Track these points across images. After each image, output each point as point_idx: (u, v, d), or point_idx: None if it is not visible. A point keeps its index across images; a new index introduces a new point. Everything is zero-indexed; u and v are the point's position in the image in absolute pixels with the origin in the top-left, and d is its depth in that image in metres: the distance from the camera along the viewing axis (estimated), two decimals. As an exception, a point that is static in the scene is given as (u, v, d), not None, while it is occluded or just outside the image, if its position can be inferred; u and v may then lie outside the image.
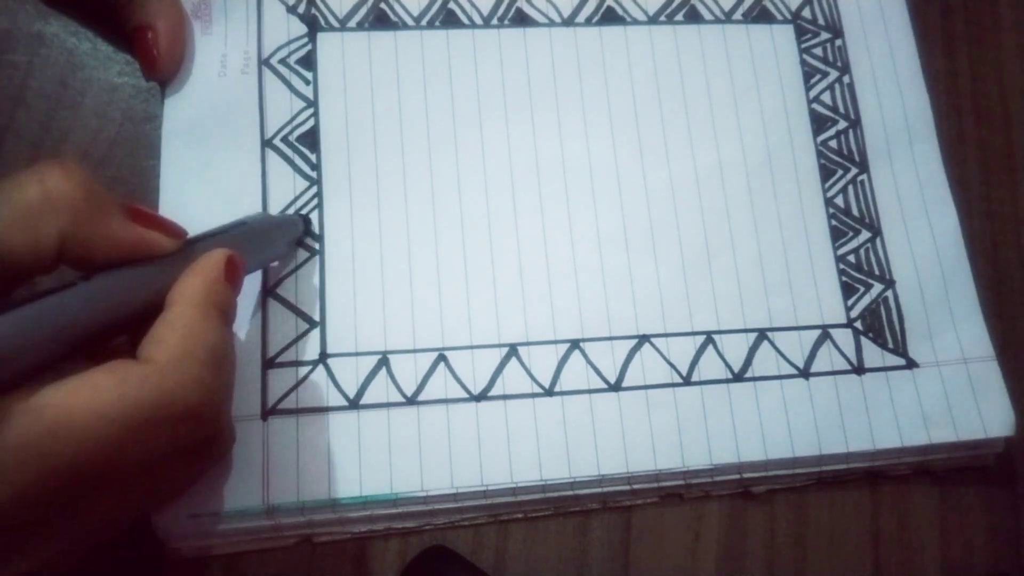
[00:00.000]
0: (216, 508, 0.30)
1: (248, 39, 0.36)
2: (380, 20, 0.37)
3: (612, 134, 0.37)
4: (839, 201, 0.38)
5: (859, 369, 0.35)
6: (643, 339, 0.35)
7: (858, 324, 0.36)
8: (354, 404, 0.32)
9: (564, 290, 0.35)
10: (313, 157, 0.35)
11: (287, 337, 0.33)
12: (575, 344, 0.34)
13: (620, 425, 0.33)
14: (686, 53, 0.39)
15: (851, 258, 0.37)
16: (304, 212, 0.34)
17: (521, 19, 0.38)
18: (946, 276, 0.37)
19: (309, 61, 0.36)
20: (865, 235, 0.37)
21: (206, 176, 0.34)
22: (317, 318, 0.33)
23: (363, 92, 0.36)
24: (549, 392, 0.33)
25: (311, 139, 0.35)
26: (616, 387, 0.34)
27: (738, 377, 0.35)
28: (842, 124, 0.39)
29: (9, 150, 0.35)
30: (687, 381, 0.34)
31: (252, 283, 0.33)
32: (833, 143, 0.39)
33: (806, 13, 0.40)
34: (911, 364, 0.36)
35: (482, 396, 0.33)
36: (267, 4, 0.37)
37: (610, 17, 0.39)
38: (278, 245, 0.33)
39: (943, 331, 0.36)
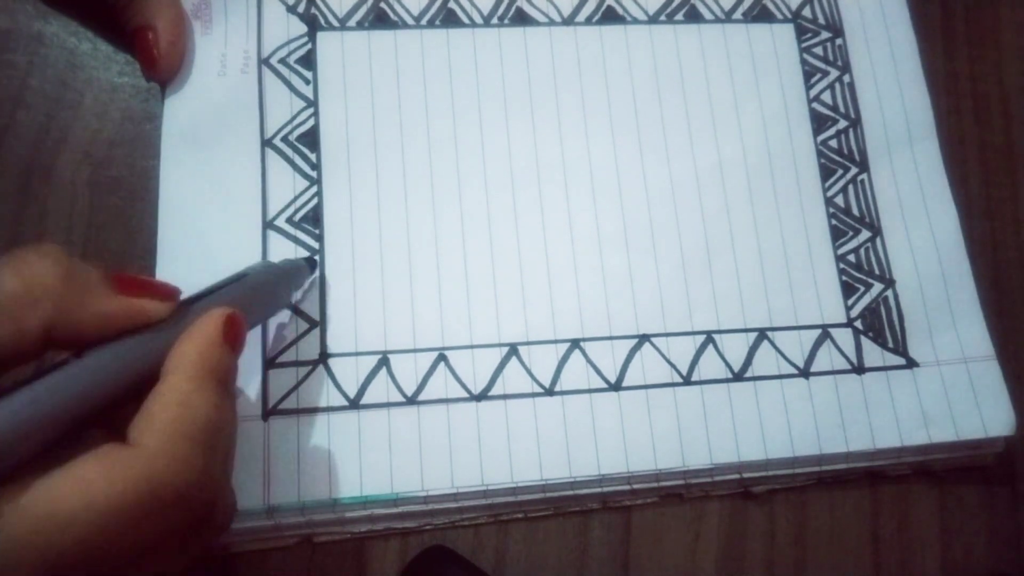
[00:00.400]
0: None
1: (248, 39, 0.36)
2: (380, 19, 0.37)
3: (612, 134, 0.37)
4: (839, 201, 0.38)
5: (859, 369, 0.35)
6: (643, 339, 0.35)
7: (858, 324, 0.36)
8: (354, 404, 0.32)
9: (564, 290, 0.35)
10: (313, 157, 0.35)
11: (287, 337, 0.33)
12: (575, 344, 0.34)
13: (620, 425, 0.33)
14: (686, 52, 0.39)
15: (851, 258, 0.37)
16: (309, 254, 0.33)
17: (521, 18, 0.38)
18: (946, 276, 0.37)
19: (309, 61, 0.36)
20: (865, 235, 0.37)
21: (206, 176, 0.34)
22: (317, 318, 0.33)
23: (363, 92, 0.36)
24: (549, 392, 0.34)
25: (311, 138, 0.35)
26: (616, 387, 0.34)
27: (738, 377, 0.35)
28: (842, 123, 0.39)
29: (9, 150, 0.35)
30: (687, 381, 0.34)
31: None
32: (833, 142, 0.39)
33: (806, 12, 0.40)
34: (911, 364, 0.36)
35: (482, 396, 0.33)
36: (267, 4, 0.37)
37: (610, 16, 0.39)
38: (283, 295, 0.31)
39: (943, 331, 0.36)
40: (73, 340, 0.23)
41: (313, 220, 0.34)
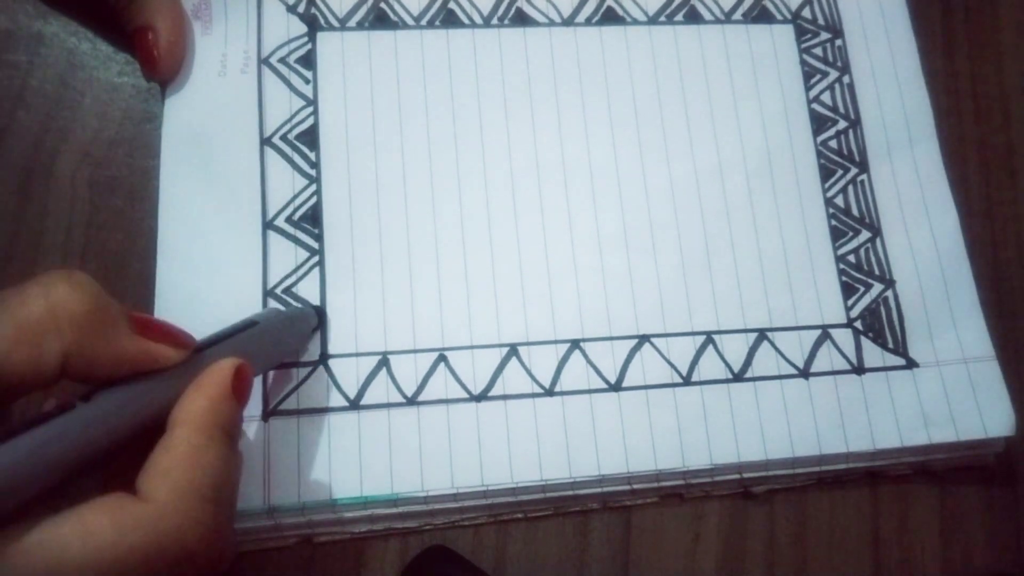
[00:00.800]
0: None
1: (248, 38, 0.36)
2: (380, 20, 0.37)
3: (612, 134, 0.37)
4: (839, 201, 0.38)
5: (859, 369, 0.35)
6: (643, 339, 0.35)
7: (858, 324, 0.36)
8: (354, 404, 0.32)
9: (564, 290, 0.35)
10: (312, 155, 0.35)
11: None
12: (575, 344, 0.34)
13: (620, 425, 0.33)
14: (686, 53, 0.39)
15: (851, 258, 0.37)
16: (318, 304, 0.33)
17: (521, 19, 0.38)
18: (946, 276, 0.37)
19: (309, 60, 0.36)
20: (865, 235, 0.37)
21: (206, 176, 0.34)
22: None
23: (363, 91, 0.36)
24: (549, 392, 0.34)
25: (311, 137, 0.35)
26: (616, 387, 0.34)
27: (738, 377, 0.35)
28: (842, 124, 0.39)
29: (9, 150, 0.35)
30: (687, 381, 0.34)
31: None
32: (833, 143, 0.39)
33: (806, 13, 0.40)
34: (911, 364, 0.36)
35: (482, 396, 0.33)
36: (267, 3, 0.37)
37: (610, 17, 0.39)
38: (290, 344, 0.31)
39: (943, 331, 0.36)
40: (86, 374, 0.23)
41: (312, 219, 0.34)
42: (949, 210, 0.38)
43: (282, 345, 0.31)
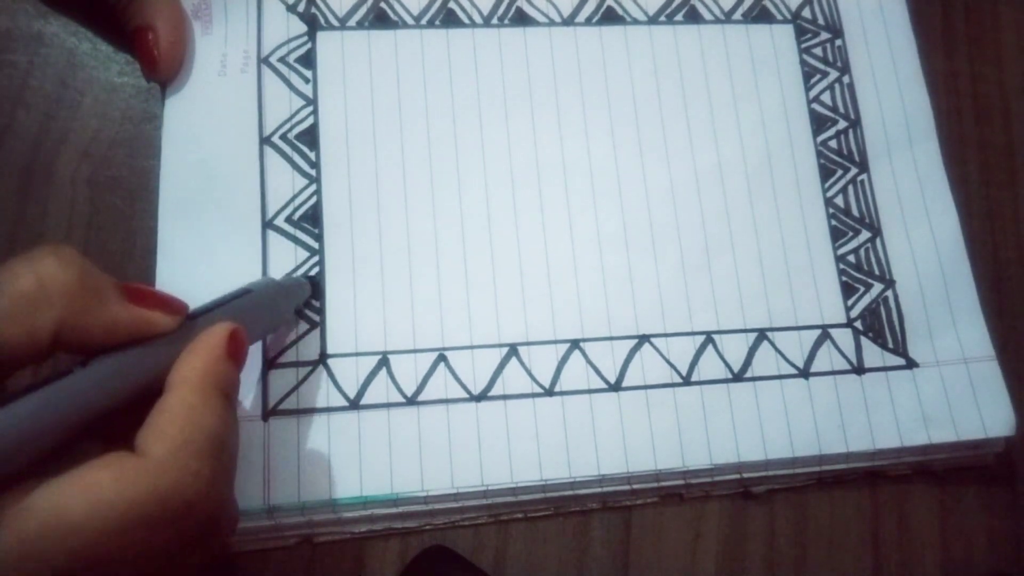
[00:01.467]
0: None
1: (248, 38, 0.36)
2: (380, 19, 0.37)
3: (612, 134, 0.37)
4: (839, 201, 0.38)
5: (859, 369, 0.35)
6: (643, 339, 0.35)
7: (858, 324, 0.36)
8: (354, 404, 0.32)
9: (564, 290, 0.35)
10: (312, 155, 0.35)
11: (287, 338, 0.33)
12: (575, 344, 0.34)
13: (620, 425, 0.33)
14: (686, 53, 0.39)
15: (851, 258, 0.37)
16: (312, 273, 0.33)
17: (521, 19, 0.38)
18: (946, 276, 0.37)
19: (309, 60, 0.36)
20: (865, 235, 0.37)
21: (206, 175, 0.34)
22: (317, 318, 0.33)
23: (363, 91, 0.36)
24: (549, 392, 0.34)
25: (310, 136, 0.35)
26: (616, 387, 0.34)
27: (738, 377, 0.35)
28: (842, 124, 0.39)
29: (9, 150, 0.35)
30: (687, 381, 0.34)
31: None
32: (833, 143, 0.39)
33: (806, 13, 0.40)
34: (911, 364, 0.36)
35: (482, 396, 0.33)
36: (267, 3, 0.37)
37: (610, 17, 0.39)
38: (284, 312, 0.31)
39: (943, 331, 0.36)
40: (80, 345, 0.23)
41: (312, 219, 0.34)
42: (949, 210, 0.38)
43: (276, 312, 0.31)
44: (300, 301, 0.32)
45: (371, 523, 0.32)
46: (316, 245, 0.34)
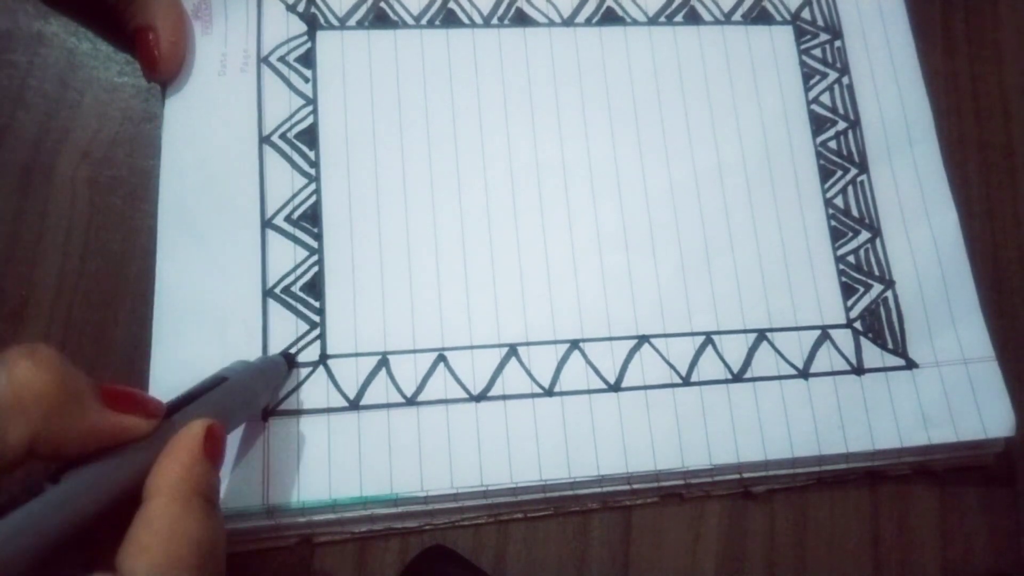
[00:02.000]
0: (216, 508, 0.30)
1: (248, 38, 0.36)
2: (380, 19, 0.37)
3: (612, 134, 0.37)
4: (839, 202, 0.38)
5: (859, 369, 0.35)
6: (643, 339, 0.35)
7: (858, 324, 0.36)
8: (354, 405, 0.32)
9: (564, 290, 0.35)
10: (312, 154, 0.35)
11: (287, 338, 0.33)
12: (575, 344, 0.34)
13: (620, 425, 0.33)
14: (686, 54, 0.39)
15: (851, 258, 0.37)
16: (292, 351, 0.33)
17: (521, 19, 0.38)
18: (946, 276, 0.37)
19: (308, 59, 0.36)
20: (865, 235, 0.37)
21: (206, 175, 0.34)
22: (317, 319, 0.33)
23: (363, 91, 0.36)
24: (549, 392, 0.33)
25: (310, 136, 0.35)
26: (616, 387, 0.34)
27: (737, 377, 0.35)
28: (841, 125, 0.39)
29: (9, 150, 0.35)
30: (686, 381, 0.34)
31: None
32: (832, 144, 0.39)
33: (805, 14, 0.40)
34: (911, 364, 0.36)
35: (482, 396, 0.33)
36: (267, 3, 0.37)
37: (610, 17, 0.39)
38: (262, 395, 0.31)
39: (943, 331, 0.36)
40: (54, 453, 0.22)
41: (312, 218, 0.34)
42: (949, 210, 0.38)
43: (254, 397, 0.30)
44: (277, 381, 0.32)
45: (371, 523, 0.32)
46: (315, 244, 0.34)
